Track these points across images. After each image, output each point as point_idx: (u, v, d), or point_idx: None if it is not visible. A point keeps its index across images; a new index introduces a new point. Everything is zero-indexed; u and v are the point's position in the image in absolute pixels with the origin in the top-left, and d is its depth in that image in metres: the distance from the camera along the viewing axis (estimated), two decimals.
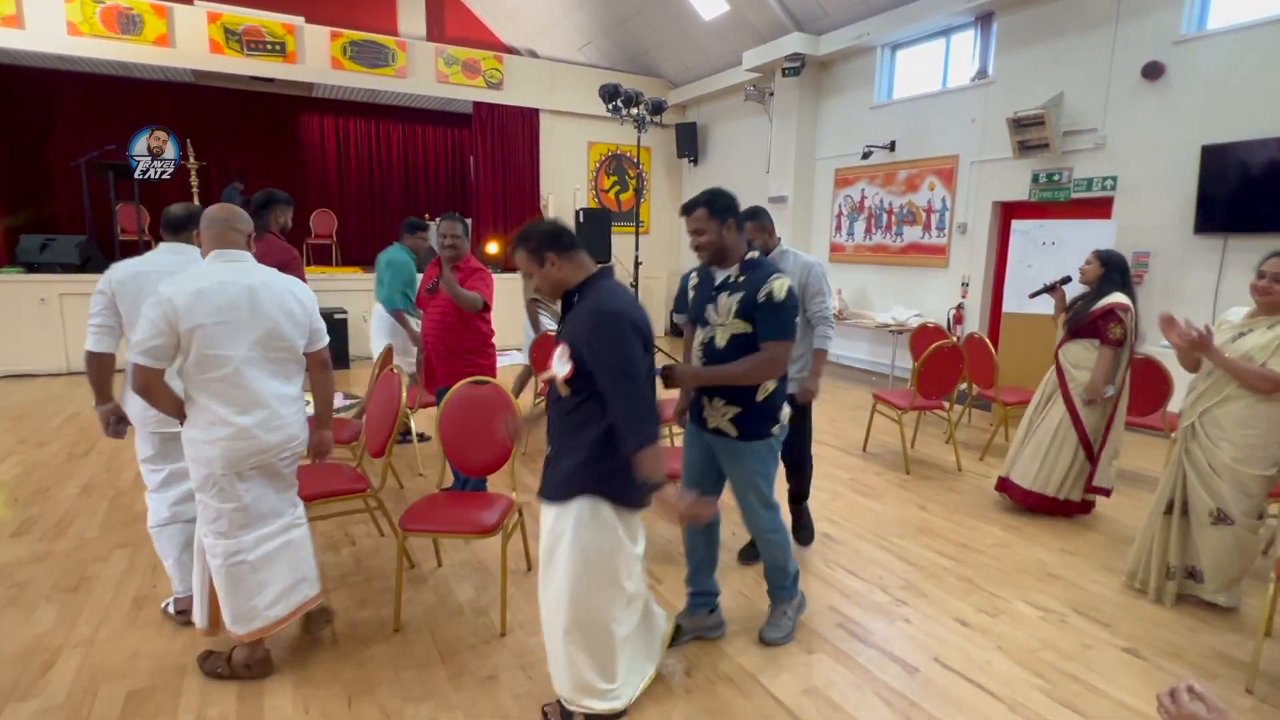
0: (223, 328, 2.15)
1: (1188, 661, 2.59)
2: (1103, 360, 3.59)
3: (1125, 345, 3.59)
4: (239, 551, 2.25)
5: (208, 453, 2.19)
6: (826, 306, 3.17)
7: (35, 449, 4.81)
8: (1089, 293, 3.72)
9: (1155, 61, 5.43)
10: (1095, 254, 3.73)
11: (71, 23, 7.63)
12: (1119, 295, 3.58)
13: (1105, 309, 3.58)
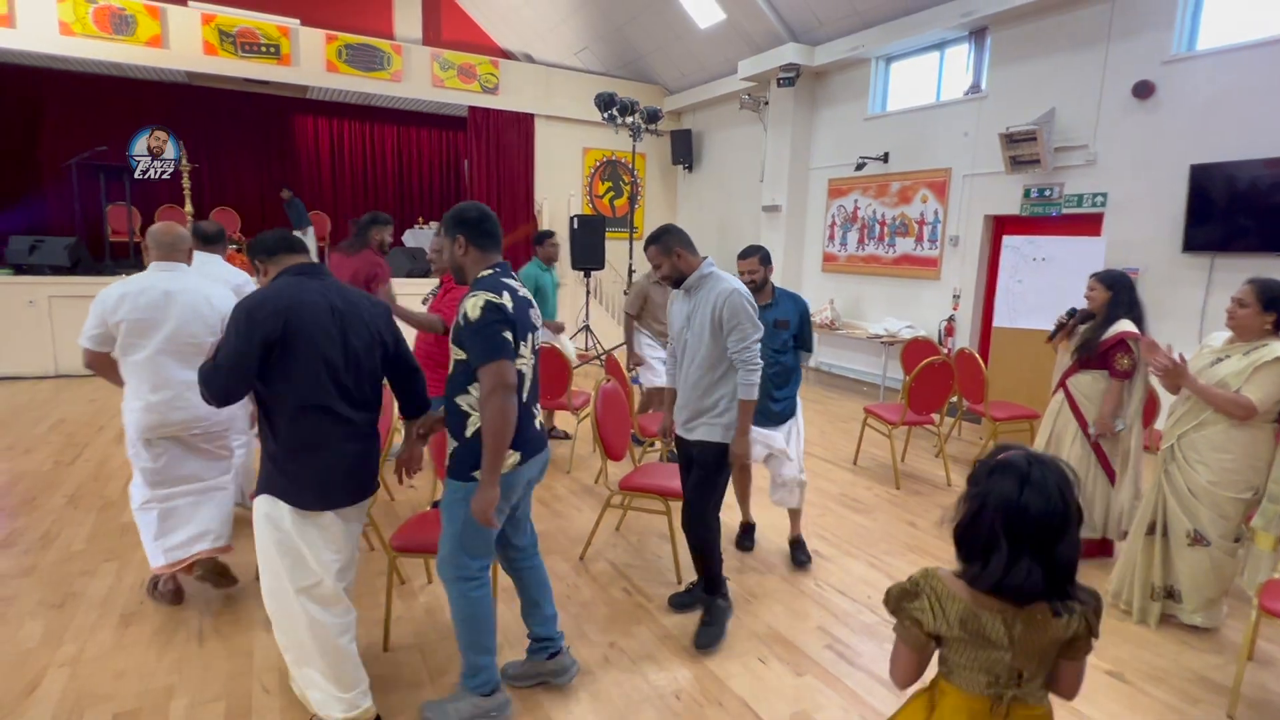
0: (139, 324, 2.71)
1: (1171, 686, 2.61)
2: (1111, 393, 3.44)
3: (1137, 375, 3.43)
4: (148, 501, 2.85)
5: (129, 419, 2.78)
6: (747, 345, 2.62)
7: (21, 456, 4.77)
8: (1097, 320, 3.52)
9: (1145, 80, 5.49)
10: (1098, 278, 3.53)
11: (64, 22, 7.58)
12: (1127, 323, 3.41)
13: (1116, 339, 3.40)
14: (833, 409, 6.85)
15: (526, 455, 2.20)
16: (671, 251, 2.74)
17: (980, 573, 1.28)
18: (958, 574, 1.35)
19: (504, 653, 2.68)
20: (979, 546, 1.29)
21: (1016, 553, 1.25)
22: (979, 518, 1.29)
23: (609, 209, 11.22)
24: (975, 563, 1.30)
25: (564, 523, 3.97)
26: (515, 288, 2.17)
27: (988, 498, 1.29)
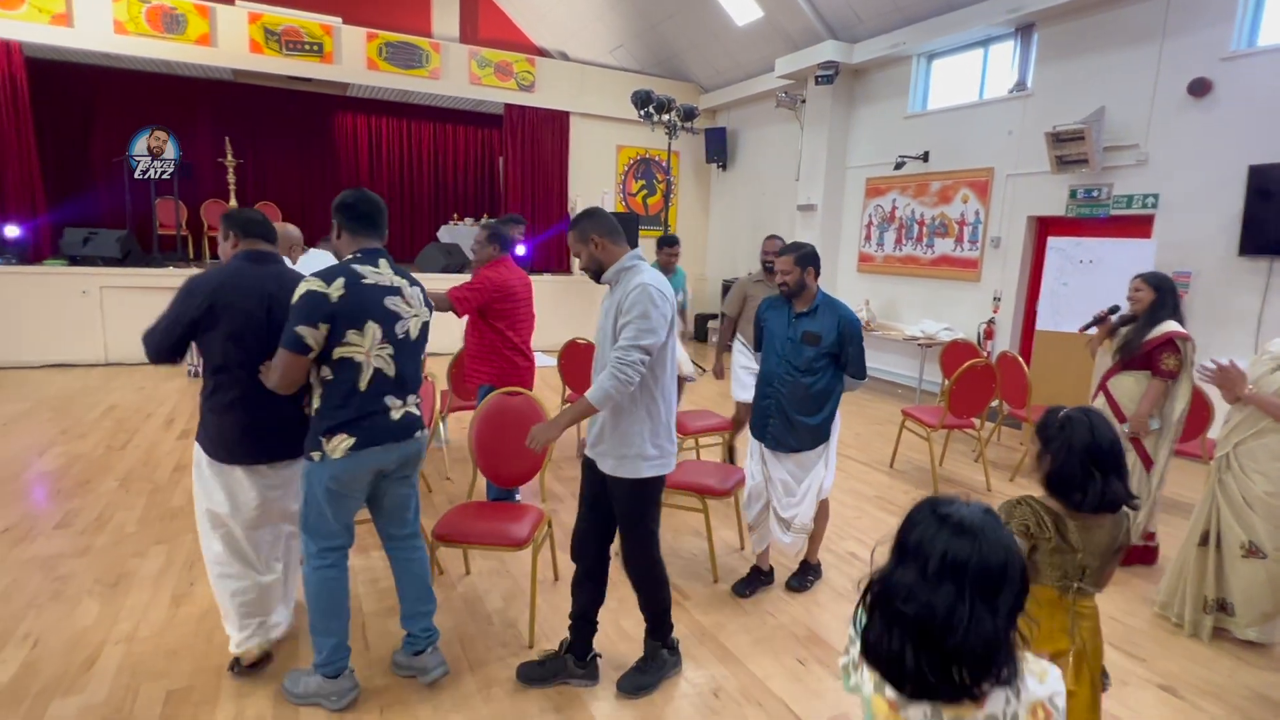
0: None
1: (1227, 702, 2.53)
2: (1151, 392, 3.36)
3: (1182, 377, 3.36)
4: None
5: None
6: (629, 347, 2.17)
7: (76, 440, 4.94)
8: (1140, 321, 3.44)
9: (1202, 78, 5.31)
10: (1143, 279, 3.46)
11: (118, 21, 7.81)
12: (1174, 324, 3.34)
13: (1164, 338, 3.33)
14: (868, 411, 6.77)
15: (365, 443, 2.20)
16: (588, 239, 2.33)
17: (1083, 499, 1.65)
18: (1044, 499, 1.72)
19: (521, 654, 2.70)
20: (1076, 481, 1.66)
21: (1104, 478, 1.65)
22: (1069, 461, 1.66)
23: (642, 207, 11.23)
24: (1075, 494, 1.66)
25: None
26: (361, 274, 2.20)
27: (1072, 444, 1.66)
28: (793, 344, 2.96)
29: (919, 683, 1.04)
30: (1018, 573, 1.06)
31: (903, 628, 1.04)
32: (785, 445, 3.02)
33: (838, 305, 3.01)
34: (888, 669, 1.06)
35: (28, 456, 4.56)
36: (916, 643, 1.03)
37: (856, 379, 3.03)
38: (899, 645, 1.04)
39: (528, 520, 2.80)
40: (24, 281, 7.13)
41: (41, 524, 3.57)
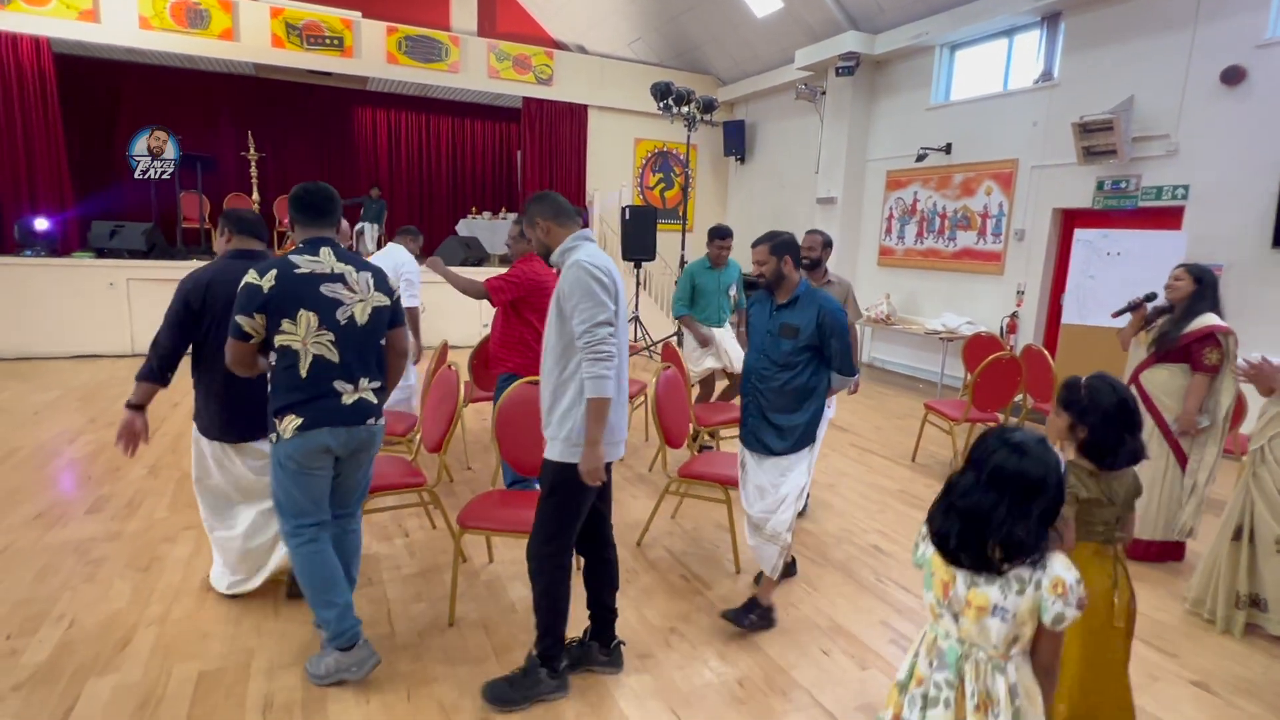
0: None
1: (1262, 700, 2.48)
2: (1196, 388, 3.25)
3: (1224, 372, 3.25)
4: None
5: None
6: (590, 329, 2.11)
7: (105, 429, 5.02)
8: (1178, 312, 3.34)
9: (1236, 66, 5.20)
10: (1185, 269, 3.35)
11: (143, 17, 7.92)
12: (1214, 317, 3.24)
13: (1204, 332, 3.23)
14: (889, 405, 6.71)
15: (312, 423, 2.24)
16: (535, 223, 2.30)
17: (1115, 460, 1.84)
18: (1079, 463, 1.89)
19: None
20: (1110, 445, 1.83)
21: (1133, 436, 1.83)
22: (1105, 427, 1.82)
23: (659, 200, 11.20)
24: (1109, 456, 1.84)
25: (619, 509, 3.98)
26: (295, 265, 2.25)
27: (1106, 411, 1.82)
28: (771, 337, 2.75)
29: (959, 556, 1.42)
30: (1054, 487, 1.38)
31: (955, 515, 1.42)
32: (764, 446, 2.76)
33: (819, 296, 2.75)
34: (939, 543, 1.47)
35: (58, 444, 4.64)
36: (962, 528, 1.41)
37: (843, 375, 2.75)
38: (950, 528, 1.43)
39: None
40: (53, 273, 7.26)
41: (73, 509, 3.64)
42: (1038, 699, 1.42)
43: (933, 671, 1.49)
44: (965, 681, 1.43)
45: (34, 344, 7.23)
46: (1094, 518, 1.87)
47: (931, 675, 1.48)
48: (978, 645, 1.43)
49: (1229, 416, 3.34)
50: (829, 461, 4.90)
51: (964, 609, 1.42)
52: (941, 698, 1.45)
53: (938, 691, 1.46)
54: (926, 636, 1.55)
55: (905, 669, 1.58)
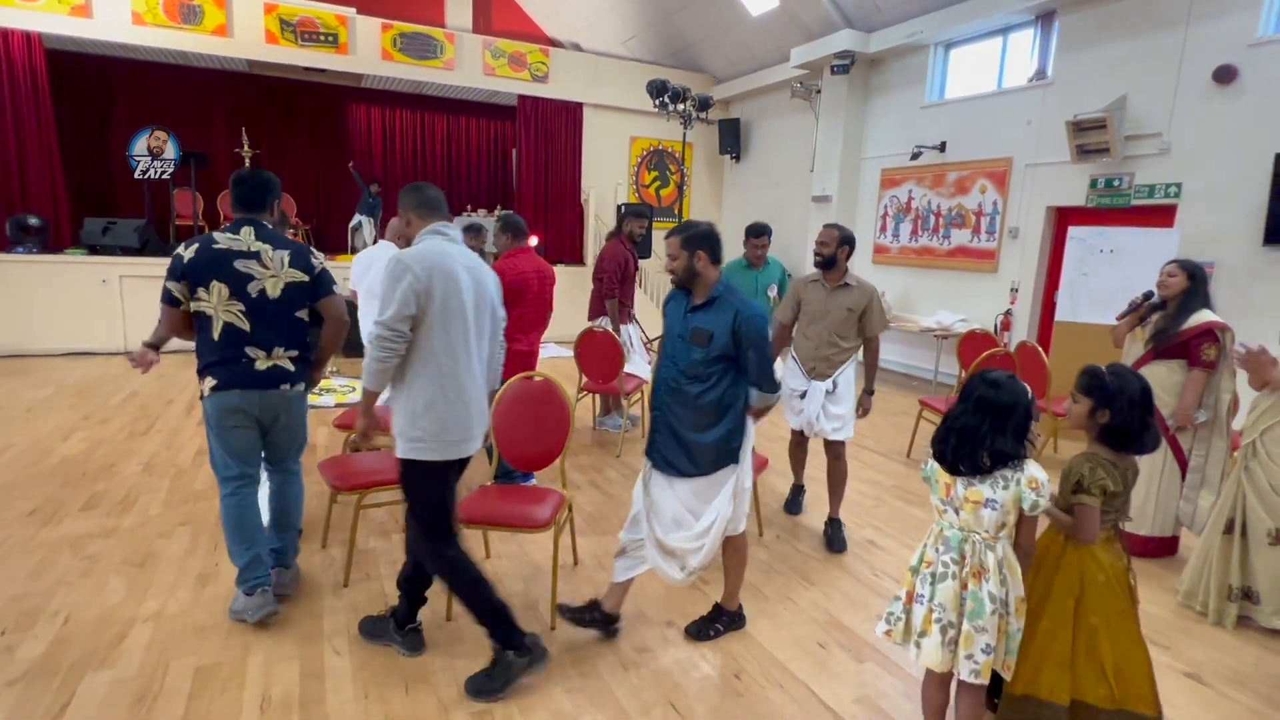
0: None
1: (1254, 691, 2.51)
2: (1193, 383, 3.28)
3: (1222, 368, 3.28)
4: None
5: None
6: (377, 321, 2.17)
7: (98, 425, 5.00)
8: (1173, 308, 3.37)
9: (1228, 65, 5.23)
10: (1178, 265, 3.37)
11: (136, 12, 7.86)
12: (1210, 313, 3.27)
13: (1202, 328, 3.25)
14: (883, 402, 6.74)
15: (225, 384, 2.51)
16: (404, 216, 2.38)
17: (1141, 444, 1.96)
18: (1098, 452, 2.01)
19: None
20: (1135, 429, 1.94)
21: (1154, 421, 1.95)
22: (1131, 412, 1.93)
23: (654, 199, 11.20)
24: (1134, 441, 1.96)
25: (616, 504, 4.00)
26: (213, 239, 2.50)
27: (1133, 397, 1.93)
28: (683, 343, 2.44)
29: (958, 466, 1.88)
30: (1023, 410, 1.84)
31: (954, 435, 1.89)
32: (674, 468, 2.46)
33: (737, 298, 2.41)
34: (939, 455, 1.93)
35: (51, 441, 4.62)
36: (958, 444, 1.88)
37: (763, 391, 2.41)
38: (949, 445, 1.90)
39: (549, 503, 2.82)
40: (45, 270, 7.21)
41: (68, 505, 3.62)
42: (1016, 570, 1.89)
43: (939, 554, 1.91)
44: (965, 558, 1.88)
45: (26, 341, 7.18)
46: (1110, 506, 1.97)
47: (939, 557, 1.92)
48: (974, 530, 1.88)
49: (1229, 410, 3.36)
50: (824, 459, 4.91)
51: (963, 504, 1.88)
52: (949, 572, 1.89)
53: (944, 568, 1.89)
54: (933, 531, 1.98)
55: (916, 557, 2.01)
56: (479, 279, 2.37)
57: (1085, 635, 1.95)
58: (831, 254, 3.40)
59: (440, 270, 2.21)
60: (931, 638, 1.89)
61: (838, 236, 3.40)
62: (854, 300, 3.42)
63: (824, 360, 3.50)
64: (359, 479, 2.99)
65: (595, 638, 2.66)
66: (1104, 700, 1.92)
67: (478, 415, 2.38)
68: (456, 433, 2.30)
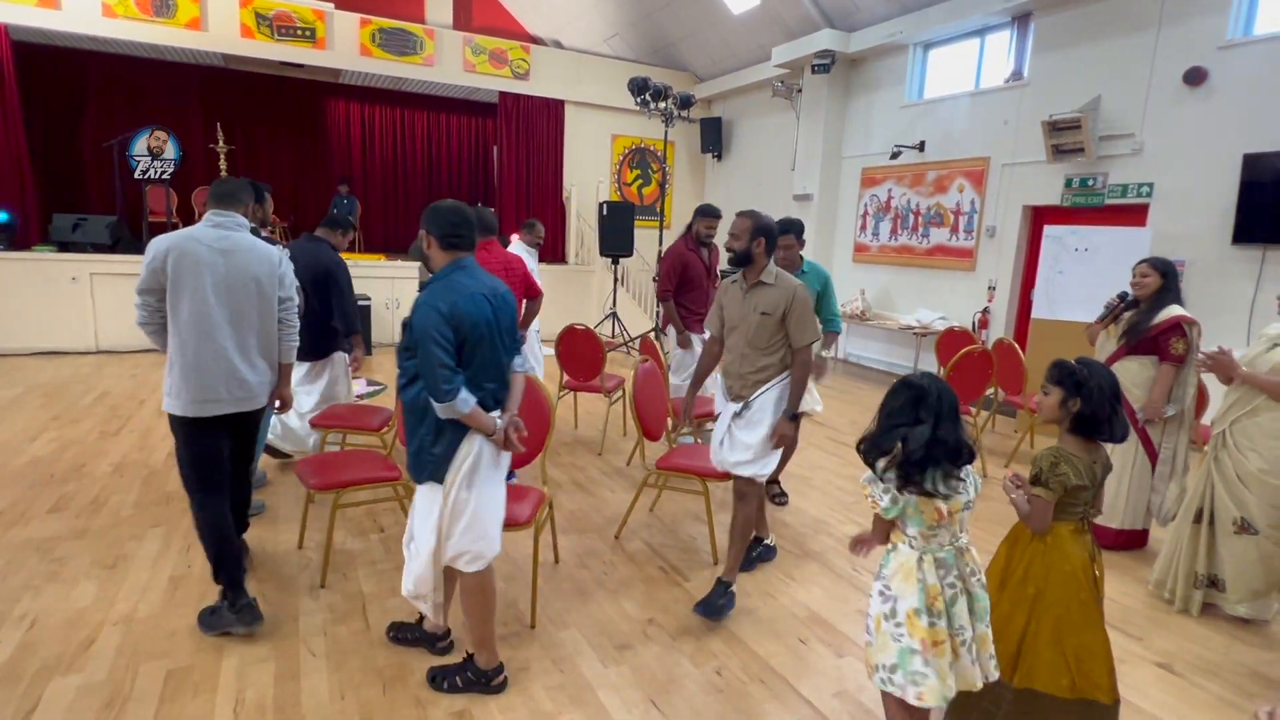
0: None
1: (1224, 680, 2.56)
2: (1162, 378, 3.34)
3: (1190, 361, 3.35)
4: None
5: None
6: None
7: (69, 426, 4.88)
8: (1146, 305, 3.44)
9: (1198, 67, 5.33)
10: (1149, 264, 3.43)
11: (106, 4, 7.69)
12: (1179, 308, 3.35)
13: (1170, 323, 3.32)
14: (864, 399, 6.79)
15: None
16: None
17: (1111, 431, 1.93)
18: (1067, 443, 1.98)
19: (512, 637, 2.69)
20: (1104, 417, 1.92)
21: (1121, 410, 1.95)
22: (1100, 400, 1.90)
23: (637, 197, 11.19)
24: (1104, 428, 1.93)
25: (598, 502, 3.99)
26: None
27: (1102, 385, 1.91)
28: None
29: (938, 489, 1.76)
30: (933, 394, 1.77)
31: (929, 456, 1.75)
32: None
33: (431, 290, 2.12)
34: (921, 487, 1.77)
35: (19, 442, 4.51)
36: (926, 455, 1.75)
37: (432, 398, 2.06)
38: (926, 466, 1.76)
39: (529, 501, 2.80)
40: (12, 268, 7.03)
41: (36, 507, 3.53)
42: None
43: (942, 580, 1.78)
44: (963, 569, 1.82)
45: None
46: (1076, 499, 1.97)
47: (943, 581, 1.78)
48: (958, 537, 1.83)
49: (1194, 404, 3.43)
50: (805, 455, 4.94)
51: (949, 519, 1.81)
52: (956, 592, 1.79)
53: (952, 589, 1.79)
54: (916, 564, 1.79)
55: (917, 601, 1.76)
56: (237, 263, 2.57)
57: (1050, 626, 1.95)
58: (745, 248, 2.79)
59: (178, 251, 2.50)
60: (961, 662, 1.76)
61: (750, 226, 2.79)
62: (770, 302, 2.76)
63: (740, 378, 2.85)
64: (335, 478, 2.95)
65: (575, 636, 2.64)
66: (1065, 690, 1.93)
67: (226, 382, 2.57)
68: (196, 393, 2.52)
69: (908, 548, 1.81)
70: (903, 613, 1.76)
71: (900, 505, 1.79)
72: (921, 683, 1.72)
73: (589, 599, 2.93)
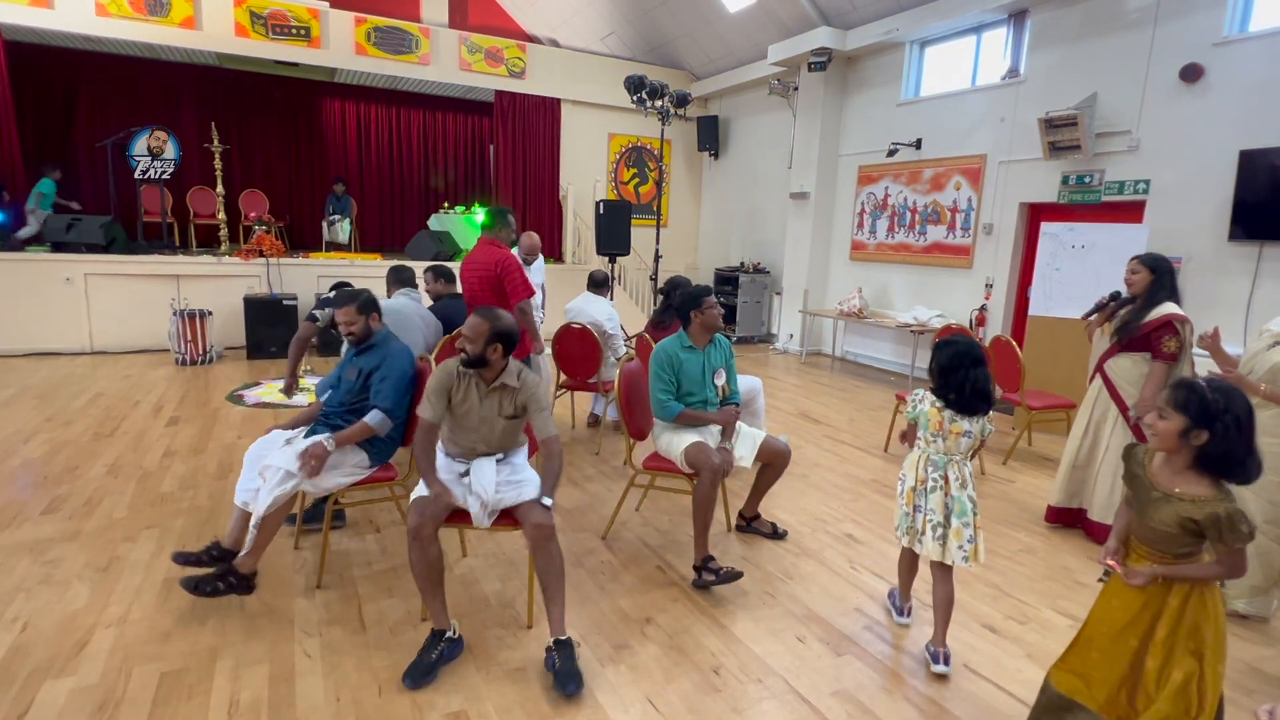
0: None
1: (1225, 678, 2.54)
2: (1154, 375, 3.33)
3: (1183, 359, 3.34)
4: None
5: None
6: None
7: (62, 427, 4.86)
8: (1139, 302, 3.43)
9: (1194, 63, 5.33)
10: (1140, 261, 3.44)
11: (100, 3, 7.66)
12: (1172, 306, 3.33)
13: (1161, 320, 3.32)
14: (862, 397, 6.78)
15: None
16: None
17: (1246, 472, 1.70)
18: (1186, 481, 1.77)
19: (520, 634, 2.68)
20: (1239, 455, 1.68)
21: (1257, 446, 1.73)
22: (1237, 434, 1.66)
23: (634, 195, 11.17)
24: (1239, 466, 1.69)
25: (595, 501, 3.97)
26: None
27: (1237, 415, 1.65)
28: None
29: (958, 405, 2.48)
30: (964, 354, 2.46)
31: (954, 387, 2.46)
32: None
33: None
34: (939, 395, 2.52)
35: (13, 443, 4.48)
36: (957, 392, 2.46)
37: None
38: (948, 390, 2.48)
39: None
40: (6, 268, 6.99)
41: (29, 509, 3.51)
42: (971, 480, 2.52)
43: (929, 473, 2.51)
44: (949, 474, 2.49)
45: None
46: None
47: (929, 475, 2.51)
48: (954, 454, 2.50)
49: None
50: (803, 453, 4.93)
51: (949, 435, 2.48)
52: (937, 486, 2.50)
53: (934, 484, 2.50)
54: (917, 458, 2.57)
55: (911, 479, 2.56)
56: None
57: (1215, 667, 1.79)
58: (479, 353, 2.52)
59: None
60: (928, 535, 2.50)
61: (487, 331, 2.49)
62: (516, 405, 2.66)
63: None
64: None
65: (572, 635, 2.62)
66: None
67: None
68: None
69: (917, 450, 2.58)
70: (905, 489, 2.58)
71: (916, 413, 2.57)
72: (904, 531, 2.59)
73: (586, 598, 2.92)
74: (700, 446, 3.14)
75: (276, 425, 3.11)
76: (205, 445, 4.62)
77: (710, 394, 3.35)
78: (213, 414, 5.36)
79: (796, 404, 6.44)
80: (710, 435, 3.32)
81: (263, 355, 7.41)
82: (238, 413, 5.44)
